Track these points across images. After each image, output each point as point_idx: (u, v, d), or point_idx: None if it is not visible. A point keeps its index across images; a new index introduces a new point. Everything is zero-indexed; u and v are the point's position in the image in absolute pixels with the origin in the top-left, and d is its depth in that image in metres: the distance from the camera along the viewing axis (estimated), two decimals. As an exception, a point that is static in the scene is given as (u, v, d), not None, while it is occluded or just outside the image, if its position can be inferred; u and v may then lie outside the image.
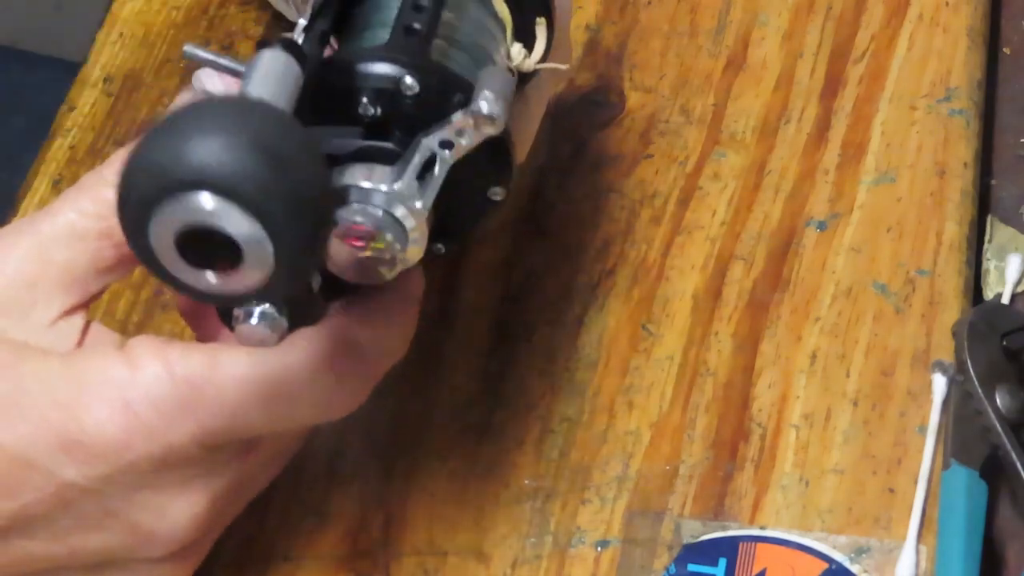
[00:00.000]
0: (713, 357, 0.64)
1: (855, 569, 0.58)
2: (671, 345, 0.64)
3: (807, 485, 0.60)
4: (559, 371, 0.64)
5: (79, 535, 0.52)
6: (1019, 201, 0.68)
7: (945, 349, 0.62)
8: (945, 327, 0.63)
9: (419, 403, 0.63)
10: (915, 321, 0.64)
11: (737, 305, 0.65)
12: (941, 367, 0.61)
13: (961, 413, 0.60)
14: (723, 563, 0.59)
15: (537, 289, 0.66)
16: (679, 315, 0.65)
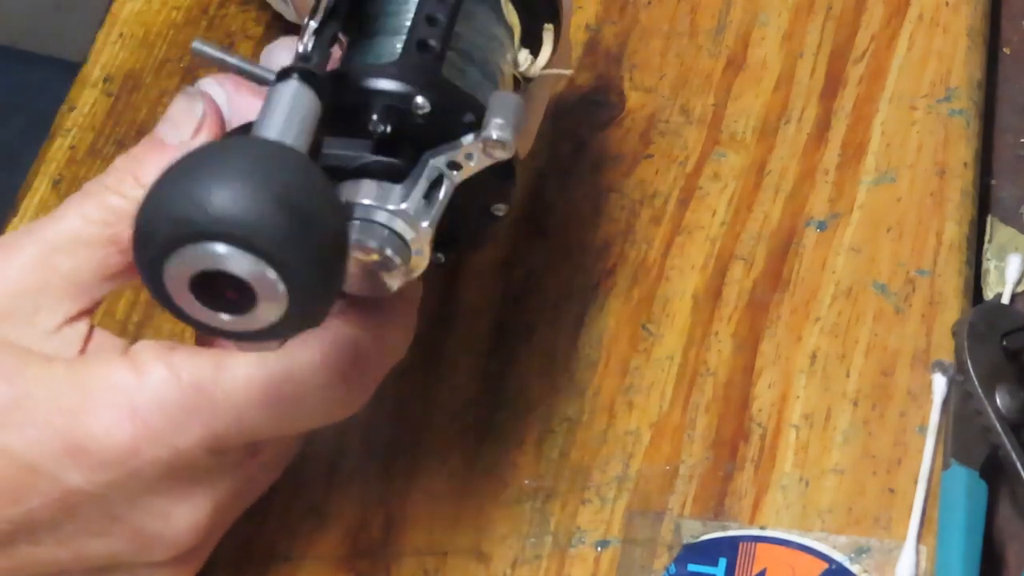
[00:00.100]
0: (713, 357, 0.64)
1: (855, 569, 0.58)
2: (671, 345, 0.64)
3: (807, 485, 0.60)
4: (559, 371, 0.64)
5: (84, 540, 0.52)
6: (1019, 201, 0.68)
7: (945, 349, 0.62)
8: (945, 327, 0.63)
9: (419, 403, 0.63)
10: (915, 321, 0.64)
11: (737, 305, 0.65)
12: (941, 367, 0.61)
13: (961, 413, 0.60)
14: (723, 563, 0.59)
15: (537, 289, 0.66)
16: (679, 315, 0.65)
